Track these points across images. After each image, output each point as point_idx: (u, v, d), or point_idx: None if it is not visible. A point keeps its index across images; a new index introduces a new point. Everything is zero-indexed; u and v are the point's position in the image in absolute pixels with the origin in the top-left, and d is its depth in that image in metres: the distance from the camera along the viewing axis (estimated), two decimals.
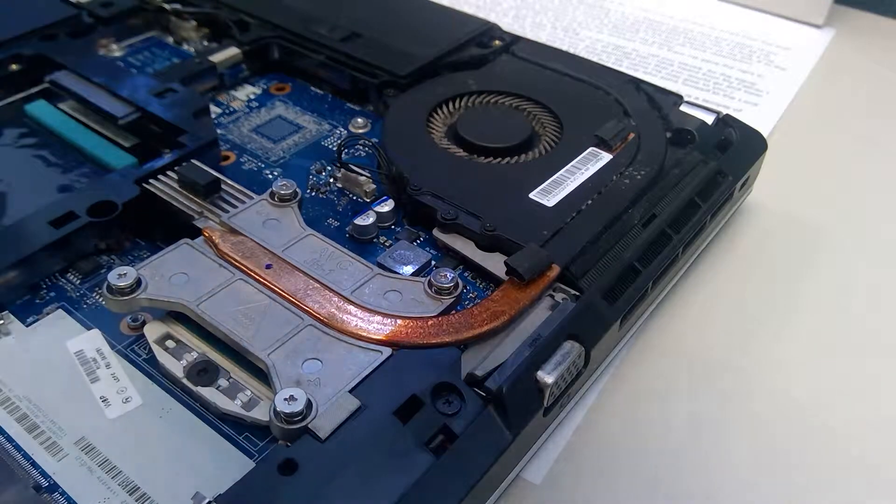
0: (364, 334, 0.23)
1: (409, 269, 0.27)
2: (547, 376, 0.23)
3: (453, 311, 0.25)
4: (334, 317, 0.24)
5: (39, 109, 0.34)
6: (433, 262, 0.27)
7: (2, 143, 0.32)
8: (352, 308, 0.24)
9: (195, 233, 0.27)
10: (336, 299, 0.25)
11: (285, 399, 0.21)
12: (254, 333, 0.23)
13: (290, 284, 0.25)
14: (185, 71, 0.36)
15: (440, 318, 0.24)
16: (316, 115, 0.36)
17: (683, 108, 0.35)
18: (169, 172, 0.29)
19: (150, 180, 0.29)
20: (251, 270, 0.25)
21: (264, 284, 0.25)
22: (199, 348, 0.24)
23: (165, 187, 0.28)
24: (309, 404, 0.21)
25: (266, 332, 0.23)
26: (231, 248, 0.26)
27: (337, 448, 0.20)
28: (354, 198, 0.30)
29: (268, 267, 0.26)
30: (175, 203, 0.28)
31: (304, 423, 0.21)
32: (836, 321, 0.31)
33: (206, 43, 0.40)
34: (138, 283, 0.24)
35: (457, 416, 0.22)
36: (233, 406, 0.22)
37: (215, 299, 0.24)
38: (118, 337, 0.25)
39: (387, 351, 0.23)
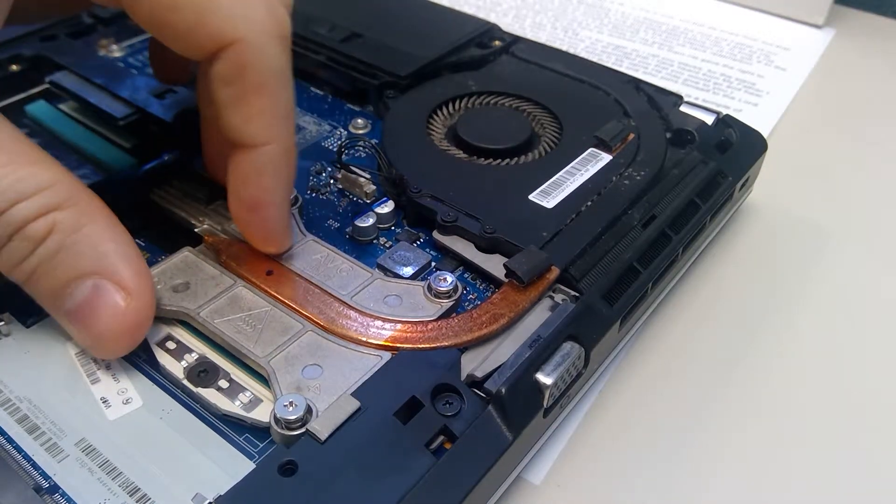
0: (364, 339, 0.24)
1: (409, 271, 0.27)
2: (546, 377, 0.23)
3: (453, 315, 0.25)
4: (334, 322, 0.24)
5: (40, 110, 0.34)
6: (433, 263, 0.27)
7: None
8: (351, 313, 0.24)
9: (197, 240, 0.27)
10: (336, 304, 0.25)
11: (285, 405, 0.21)
12: (254, 340, 0.23)
13: (291, 290, 0.25)
14: None
15: (439, 322, 0.24)
16: (316, 115, 0.36)
17: (683, 108, 0.35)
18: (172, 180, 0.29)
19: (154, 188, 0.29)
20: (252, 277, 0.25)
21: (265, 291, 0.25)
22: (199, 349, 0.24)
23: (167, 195, 0.29)
24: (309, 410, 0.21)
25: (266, 339, 0.24)
26: (232, 256, 0.26)
27: (337, 449, 0.20)
28: (354, 199, 0.30)
29: (268, 273, 0.26)
30: (177, 211, 0.28)
31: (304, 430, 0.21)
32: (837, 321, 0.31)
33: None
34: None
35: (457, 416, 0.22)
36: (233, 407, 0.23)
37: (216, 306, 0.24)
38: None
39: (386, 355, 0.23)
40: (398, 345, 0.23)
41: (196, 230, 0.27)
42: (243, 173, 0.24)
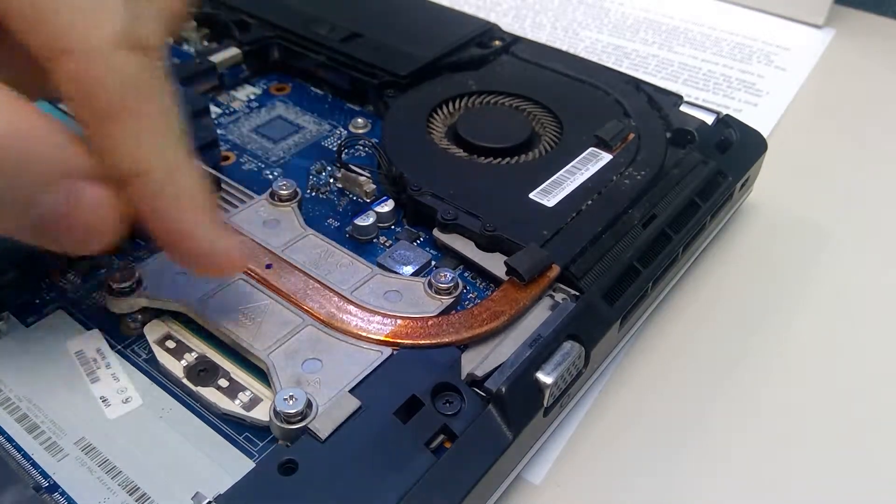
0: (364, 334, 0.23)
1: (409, 269, 0.27)
2: (547, 377, 0.23)
3: (453, 312, 0.25)
4: (334, 317, 0.24)
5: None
6: (433, 262, 0.27)
7: None
8: (352, 308, 0.24)
9: None
10: (336, 299, 0.25)
11: (285, 399, 0.21)
12: (254, 333, 0.23)
13: (291, 284, 0.25)
14: (185, 71, 0.36)
15: (440, 318, 0.24)
16: (316, 115, 0.36)
17: (683, 108, 0.35)
18: None
19: None
20: (251, 270, 0.25)
21: (264, 284, 0.25)
22: (199, 348, 0.24)
23: None
24: (309, 404, 0.21)
25: (266, 332, 0.23)
26: None
27: (337, 448, 0.20)
28: (354, 198, 0.30)
29: (268, 267, 0.26)
30: None
31: (303, 423, 0.21)
32: (837, 321, 0.31)
33: (206, 43, 0.40)
34: (139, 283, 0.24)
35: (457, 416, 0.22)
36: (233, 406, 0.22)
37: (215, 299, 0.24)
38: (118, 337, 0.25)
39: (386, 351, 0.23)
40: (398, 340, 0.23)
41: None
42: (136, 204, 0.20)
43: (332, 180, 0.31)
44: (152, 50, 0.19)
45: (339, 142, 0.33)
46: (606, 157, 0.31)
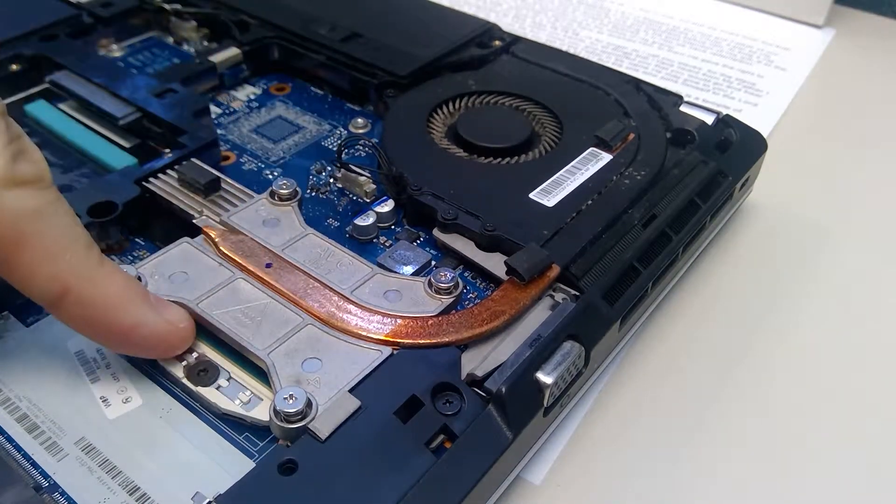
0: (364, 333, 0.23)
1: (409, 269, 0.27)
2: (547, 376, 0.23)
3: (453, 311, 0.25)
4: (334, 316, 0.24)
5: (39, 110, 0.34)
6: (433, 262, 0.27)
7: None
8: (351, 307, 0.24)
9: (195, 232, 0.27)
10: (336, 298, 0.25)
11: (285, 398, 0.21)
12: (253, 332, 0.23)
13: (290, 283, 0.25)
14: (185, 71, 0.36)
15: (440, 318, 0.24)
16: (316, 115, 0.36)
17: (683, 108, 0.35)
18: (169, 171, 0.29)
19: (150, 179, 0.29)
20: (251, 269, 0.25)
21: (264, 283, 0.25)
22: (199, 348, 0.24)
23: (165, 186, 0.29)
24: (309, 403, 0.21)
25: (266, 331, 0.23)
26: (231, 247, 0.26)
27: (337, 448, 0.20)
28: (354, 198, 0.30)
29: (268, 266, 0.26)
30: (175, 202, 0.28)
31: (304, 423, 0.21)
32: (837, 321, 0.31)
33: (206, 43, 0.40)
34: (138, 281, 0.24)
35: (457, 416, 0.22)
36: (233, 406, 0.23)
37: (215, 298, 0.24)
38: None
39: (386, 350, 0.23)
40: (398, 340, 0.23)
41: (194, 221, 0.27)
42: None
43: (332, 180, 0.31)
44: (38, 181, 0.20)
45: (339, 142, 0.33)
46: (606, 157, 0.31)
